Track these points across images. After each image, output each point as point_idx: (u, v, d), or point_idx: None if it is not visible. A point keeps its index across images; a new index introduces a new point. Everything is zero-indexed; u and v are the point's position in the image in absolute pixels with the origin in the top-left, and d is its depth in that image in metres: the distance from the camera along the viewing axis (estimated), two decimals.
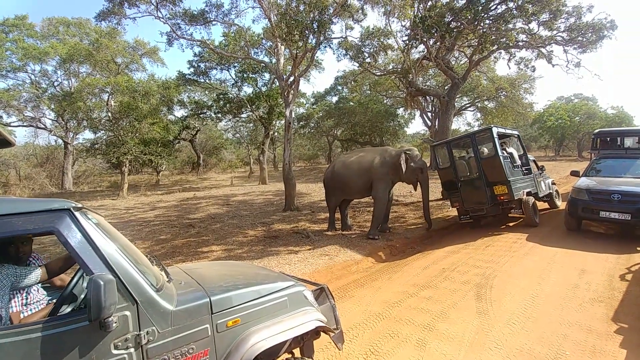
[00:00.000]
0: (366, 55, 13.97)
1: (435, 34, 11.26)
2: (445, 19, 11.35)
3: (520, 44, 12.26)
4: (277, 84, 16.19)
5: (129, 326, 1.55)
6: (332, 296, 2.48)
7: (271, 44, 14.14)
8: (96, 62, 17.44)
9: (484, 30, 11.52)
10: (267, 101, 19.13)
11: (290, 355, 2.26)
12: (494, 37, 11.48)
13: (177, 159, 26.97)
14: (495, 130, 7.02)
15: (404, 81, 15.89)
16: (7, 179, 19.03)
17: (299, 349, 2.30)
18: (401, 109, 26.49)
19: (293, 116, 12.51)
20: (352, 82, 22.85)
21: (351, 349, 3.08)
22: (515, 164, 7.46)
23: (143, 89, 16.59)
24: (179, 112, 23.27)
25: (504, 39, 11.56)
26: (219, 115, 21.25)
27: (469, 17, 10.89)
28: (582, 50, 12.14)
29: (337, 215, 8.19)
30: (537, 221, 7.38)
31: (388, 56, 18.40)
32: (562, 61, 12.71)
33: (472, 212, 7.62)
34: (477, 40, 12.54)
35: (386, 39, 13.45)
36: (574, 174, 7.59)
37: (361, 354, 3.02)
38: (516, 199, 6.89)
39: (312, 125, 27.82)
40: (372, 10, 11.75)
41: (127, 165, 16.84)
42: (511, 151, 7.73)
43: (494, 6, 11.37)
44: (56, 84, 19.90)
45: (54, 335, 1.43)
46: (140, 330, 1.58)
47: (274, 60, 13.41)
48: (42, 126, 20.33)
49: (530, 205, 7.24)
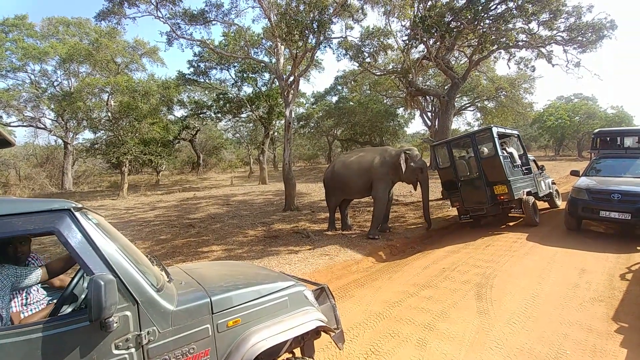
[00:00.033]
0: (366, 55, 13.96)
1: (435, 33, 11.26)
2: (445, 18, 11.36)
3: (520, 43, 12.27)
4: (277, 83, 16.17)
5: (129, 326, 1.55)
6: (332, 296, 2.48)
7: (271, 43, 14.14)
8: (96, 62, 17.42)
9: (484, 30, 11.53)
10: (267, 101, 19.11)
11: (291, 355, 2.26)
12: (493, 37, 11.48)
13: (177, 159, 26.95)
14: (495, 130, 7.02)
15: (403, 81, 15.90)
16: (7, 179, 19.03)
17: (299, 348, 2.30)
18: (401, 108, 26.50)
19: (293, 116, 12.50)
20: (352, 82, 22.86)
21: (352, 349, 3.09)
22: (515, 163, 7.46)
23: (143, 88, 16.57)
24: (179, 112, 23.32)
25: (503, 39, 11.56)
26: (219, 115, 21.23)
27: (469, 16, 10.89)
28: (582, 50, 12.16)
29: (337, 215, 8.19)
30: (537, 221, 7.39)
31: (388, 56, 18.40)
32: (562, 61, 12.75)
33: (472, 212, 7.63)
34: (477, 40, 12.54)
35: (386, 38, 13.45)
36: (574, 173, 7.60)
37: (362, 353, 3.02)
38: (516, 198, 6.89)
39: (312, 125, 27.80)
40: (372, 10, 11.76)
41: (127, 165, 16.83)
42: (511, 151, 7.73)
43: (494, 6, 11.37)
44: (56, 83, 19.90)
45: (55, 335, 1.43)
46: (141, 330, 1.58)
47: (273, 60, 13.41)
48: (42, 126, 20.33)
49: (530, 205, 7.26)
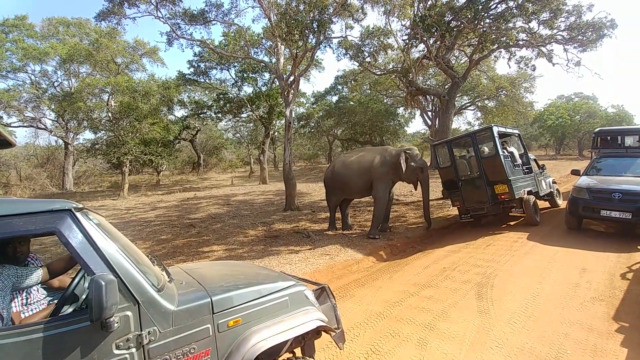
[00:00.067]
0: (366, 55, 13.97)
1: (436, 33, 11.25)
2: (446, 18, 11.35)
3: (521, 42, 12.25)
4: (277, 83, 16.18)
5: (130, 326, 1.56)
6: (333, 296, 2.48)
7: (271, 43, 14.12)
8: (96, 62, 17.43)
9: (484, 29, 11.51)
10: (267, 101, 19.11)
11: (292, 355, 2.26)
12: (494, 36, 11.47)
13: (178, 159, 26.97)
14: (495, 130, 7.02)
15: (404, 80, 15.88)
16: (8, 179, 19.06)
17: (300, 348, 2.30)
18: (401, 108, 26.46)
19: (293, 116, 12.50)
20: (352, 82, 22.84)
21: (352, 349, 3.09)
22: (516, 163, 7.46)
23: (143, 89, 16.57)
24: (179, 112, 23.32)
25: (504, 38, 11.55)
26: (219, 115, 21.24)
27: (469, 16, 10.89)
28: (582, 49, 12.14)
29: (338, 214, 8.19)
30: (538, 220, 7.38)
31: (388, 55, 18.39)
32: (562, 60, 12.80)
33: (473, 211, 7.63)
34: (477, 39, 12.52)
35: (386, 38, 13.45)
36: (575, 172, 7.59)
37: (362, 353, 3.02)
38: (517, 198, 6.89)
39: (312, 124, 27.77)
40: (372, 9, 11.76)
41: (128, 165, 16.84)
42: (512, 150, 7.73)
43: (494, 5, 11.36)
44: (56, 84, 19.90)
45: (56, 335, 1.43)
46: (141, 330, 1.58)
47: (274, 60, 13.40)
48: (43, 126, 20.34)
49: (531, 204, 7.25)
